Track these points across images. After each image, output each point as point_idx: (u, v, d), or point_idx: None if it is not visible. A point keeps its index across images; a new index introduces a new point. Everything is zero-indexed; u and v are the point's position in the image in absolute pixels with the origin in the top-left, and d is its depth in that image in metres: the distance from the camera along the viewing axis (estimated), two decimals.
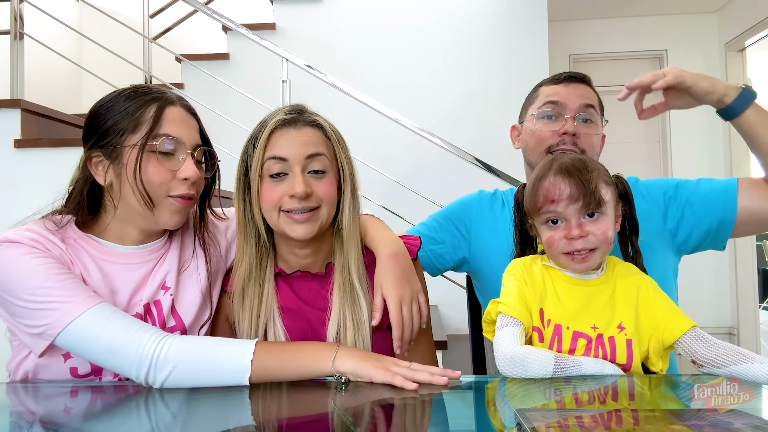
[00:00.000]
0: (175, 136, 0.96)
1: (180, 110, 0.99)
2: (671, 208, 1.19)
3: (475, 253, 1.31)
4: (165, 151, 0.95)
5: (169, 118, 0.96)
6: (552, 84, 1.26)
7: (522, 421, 0.60)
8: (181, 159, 0.96)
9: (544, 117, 1.23)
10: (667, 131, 4.21)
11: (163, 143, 0.94)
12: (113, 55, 2.83)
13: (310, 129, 1.00)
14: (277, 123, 0.98)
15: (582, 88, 1.23)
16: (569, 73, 1.26)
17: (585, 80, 1.26)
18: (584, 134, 1.19)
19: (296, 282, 1.06)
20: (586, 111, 1.20)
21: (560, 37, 4.04)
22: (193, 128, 1.00)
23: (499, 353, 0.84)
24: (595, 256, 0.89)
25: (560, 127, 1.19)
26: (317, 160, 0.98)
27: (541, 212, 0.92)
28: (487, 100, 3.30)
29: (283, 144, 0.97)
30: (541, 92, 1.27)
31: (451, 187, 2.82)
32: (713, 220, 1.16)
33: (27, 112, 2.43)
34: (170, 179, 0.95)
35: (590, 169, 0.90)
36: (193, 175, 0.96)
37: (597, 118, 1.22)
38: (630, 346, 0.88)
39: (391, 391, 0.81)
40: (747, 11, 3.82)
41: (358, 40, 3.41)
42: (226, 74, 3.04)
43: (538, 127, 1.23)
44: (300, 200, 0.96)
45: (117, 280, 0.97)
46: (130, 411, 0.81)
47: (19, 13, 2.62)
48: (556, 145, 1.19)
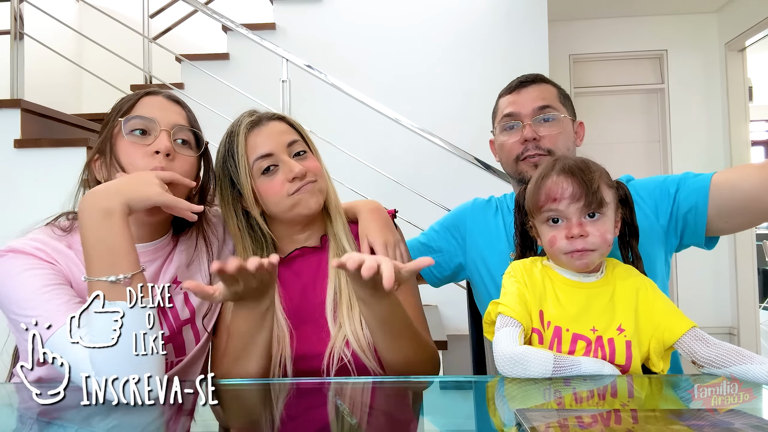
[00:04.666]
0: (147, 116, 0.98)
1: (159, 98, 1.02)
2: (662, 203, 1.17)
3: (471, 259, 1.32)
4: (136, 128, 0.97)
5: (144, 103, 1.00)
6: (506, 94, 1.29)
7: (522, 421, 0.60)
8: (154, 136, 0.97)
9: (505, 129, 1.26)
10: (667, 131, 4.21)
11: (135, 124, 0.97)
12: (113, 55, 2.83)
13: (275, 122, 1.08)
14: (247, 126, 1.05)
15: (534, 90, 1.25)
16: (520, 79, 1.28)
17: (536, 80, 1.27)
18: (546, 135, 1.20)
19: (296, 263, 1.10)
20: (542, 111, 1.21)
21: (560, 37, 4.04)
22: (174, 112, 1.02)
23: (498, 353, 0.84)
24: (593, 256, 0.90)
25: (520, 136, 1.22)
26: (296, 144, 1.06)
27: (542, 211, 0.92)
28: (487, 100, 3.24)
29: (262, 142, 1.04)
30: (500, 105, 1.31)
31: (451, 187, 2.83)
32: (689, 211, 1.13)
33: (27, 112, 2.43)
34: (143, 156, 0.96)
35: (592, 170, 0.91)
36: (164, 148, 0.96)
37: (557, 114, 1.22)
38: (629, 347, 0.88)
39: (391, 390, 0.81)
40: (747, 11, 3.82)
41: (358, 40, 3.41)
42: (226, 74, 3.04)
43: (502, 140, 1.26)
44: (303, 175, 1.02)
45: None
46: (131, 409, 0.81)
47: (19, 13, 2.62)
48: (522, 153, 1.22)
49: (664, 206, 1.16)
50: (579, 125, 1.30)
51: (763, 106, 5.87)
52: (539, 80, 1.27)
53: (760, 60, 4.92)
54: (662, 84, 4.25)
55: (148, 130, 0.98)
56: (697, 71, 4.18)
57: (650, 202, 1.17)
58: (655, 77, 4.30)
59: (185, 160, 1.01)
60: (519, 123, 1.23)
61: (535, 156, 1.20)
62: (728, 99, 4.06)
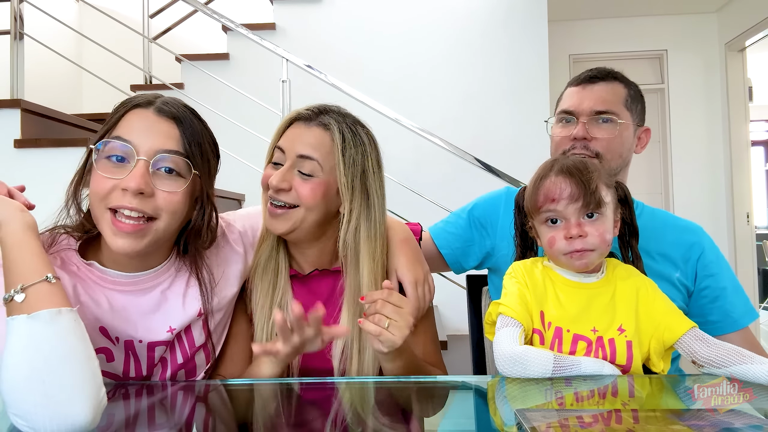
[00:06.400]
0: (127, 139, 0.81)
1: (147, 113, 0.84)
2: (688, 270, 1.17)
3: (500, 247, 1.30)
4: (111, 154, 0.81)
5: (127, 120, 0.84)
6: (573, 85, 1.24)
7: (522, 421, 0.60)
8: (130, 167, 0.81)
9: (560, 121, 1.23)
10: (667, 131, 4.21)
11: (111, 148, 0.81)
12: (113, 55, 2.83)
13: (318, 131, 0.99)
14: (294, 115, 1.01)
15: (600, 90, 1.20)
16: (591, 72, 1.23)
17: (607, 78, 1.21)
18: (599, 137, 1.17)
19: (313, 282, 1.06)
20: (600, 115, 1.18)
21: (560, 37, 4.04)
22: (161, 134, 0.83)
23: (498, 352, 0.85)
24: (592, 256, 0.90)
25: (571, 132, 1.19)
26: (307, 163, 0.96)
27: (541, 211, 0.92)
28: (487, 99, 3.30)
29: (290, 136, 1.00)
30: (564, 95, 1.26)
31: (451, 187, 2.83)
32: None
33: (27, 112, 2.43)
34: (110, 189, 0.81)
35: (591, 170, 0.91)
36: (136, 186, 0.79)
37: (615, 119, 1.18)
38: (630, 347, 0.88)
39: (392, 390, 0.81)
40: (747, 11, 3.82)
41: (358, 40, 3.41)
42: (226, 74, 3.04)
43: (555, 132, 1.23)
44: (276, 191, 0.96)
45: (128, 309, 0.88)
46: (135, 407, 0.81)
47: (19, 13, 2.61)
48: (569, 150, 1.18)
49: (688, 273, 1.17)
50: (644, 132, 1.25)
51: (763, 106, 5.87)
52: (611, 77, 1.21)
53: (760, 60, 4.91)
54: (662, 84, 4.25)
55: (126, 158, 0.81)
56: (697, 71, 4.18)
57: (680, 257, 1.17)
58: (655, 77, 4.30)
59: (168, 197, 0.83)
60: (574, 119, 1.19)
61: (580, 156, 1.15)
62: (728, 99, 4.06)
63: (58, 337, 0.66)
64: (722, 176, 4.10)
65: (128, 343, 0.89)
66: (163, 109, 0.85)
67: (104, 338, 0.86)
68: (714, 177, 4.11)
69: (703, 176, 4.12)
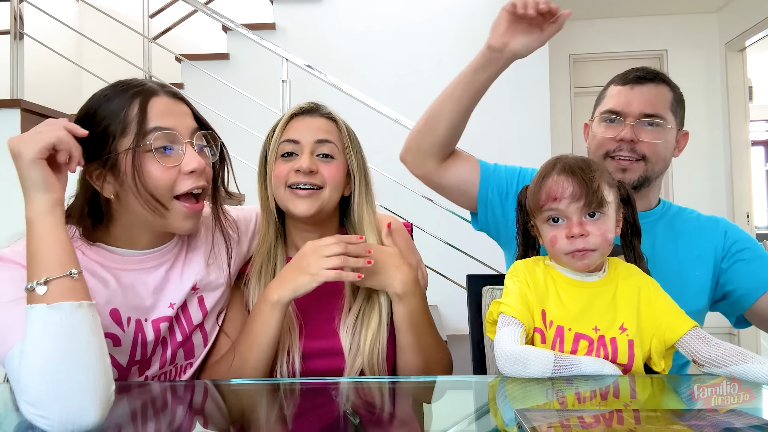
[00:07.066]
0: (167, 128, 0.86)
1: (165, 99, 0.89)
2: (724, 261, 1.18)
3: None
4: (160, 146, 0.86)
5: (155, 110, 0.87)
6: (619, 84, 1.20)
7: (522, 421, 0.60)
8: (181, 151, 0.87)
9: (605, 121, 1.19)
10: None
11: (156, 139, 0.85)
12: (113, 55, 2.83)
13: (324, 120, 1.08)
14: (296, 110, 1.08)
15: (649, 92, 1.17)
16: (638, 72, 1.19)
17: (656, 79, 1.18)
18: (646, 141, 1.14)
19: None
20: (648, 119, 1.15)
21: (560, 37, 3.99)
22: (184, 114, 0.91)
23: (498, 352, 0.85)
24: (594, 256, 0.90)
25: (617, 133, 1.15)
26: (326, 145, 1.05)
27: (543, 210, 0.92)
28: (487, 99, 3.28)
29: (298, 128, 1.06)
30: (608, 93, 1.22)
31: None
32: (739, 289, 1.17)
33: (27, 112, 2.43)
34: (175, 176, 0.87)
35: (593, 169, 0.91)
36: (198, 165, 0.88)
37: (664, 123, 1.16)
38: (632, 347, 0.88)
39: (392, 390, 0.81)
40: (747, 11, 3.82)
41: (358, 40, 3.41)
42: (226, 74, 3.04)
43: (598, 131, 1.20)
44: (305, 175, 1.02)
45: (135, 287, 0.91)
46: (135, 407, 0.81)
47: (19, 13, 2.62)
48: (613, 151, 1.16)
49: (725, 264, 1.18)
50: (683, 135, 1.23)
51: (763, 106, 5.86)
52: (658, 79, 1.18)
53: (760, 60, 4.91)
54: None
55: (172, 144, 0.87)
56: (697, 71, 4.18)
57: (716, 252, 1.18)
58: None
59: (209, 167, 0.93)
60: (621, 120, 1.16)
61: (626, 159, 1.15)
62: (728, 99, 4.06)
63: (75, 330, 0.68)
64: (722, 176, 4.10)
65: (138, 324, 0.91)
66: (171, 92, 0.92)
67: (114, 324, 0.88)
68: (714, 177, 4.11)
69: (703, 176, 4.12)
